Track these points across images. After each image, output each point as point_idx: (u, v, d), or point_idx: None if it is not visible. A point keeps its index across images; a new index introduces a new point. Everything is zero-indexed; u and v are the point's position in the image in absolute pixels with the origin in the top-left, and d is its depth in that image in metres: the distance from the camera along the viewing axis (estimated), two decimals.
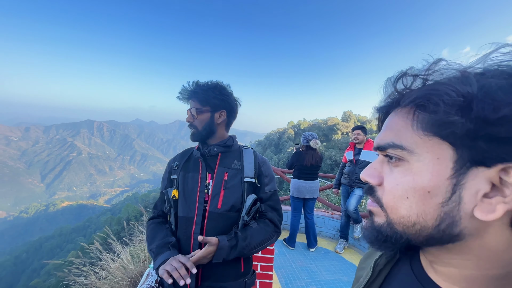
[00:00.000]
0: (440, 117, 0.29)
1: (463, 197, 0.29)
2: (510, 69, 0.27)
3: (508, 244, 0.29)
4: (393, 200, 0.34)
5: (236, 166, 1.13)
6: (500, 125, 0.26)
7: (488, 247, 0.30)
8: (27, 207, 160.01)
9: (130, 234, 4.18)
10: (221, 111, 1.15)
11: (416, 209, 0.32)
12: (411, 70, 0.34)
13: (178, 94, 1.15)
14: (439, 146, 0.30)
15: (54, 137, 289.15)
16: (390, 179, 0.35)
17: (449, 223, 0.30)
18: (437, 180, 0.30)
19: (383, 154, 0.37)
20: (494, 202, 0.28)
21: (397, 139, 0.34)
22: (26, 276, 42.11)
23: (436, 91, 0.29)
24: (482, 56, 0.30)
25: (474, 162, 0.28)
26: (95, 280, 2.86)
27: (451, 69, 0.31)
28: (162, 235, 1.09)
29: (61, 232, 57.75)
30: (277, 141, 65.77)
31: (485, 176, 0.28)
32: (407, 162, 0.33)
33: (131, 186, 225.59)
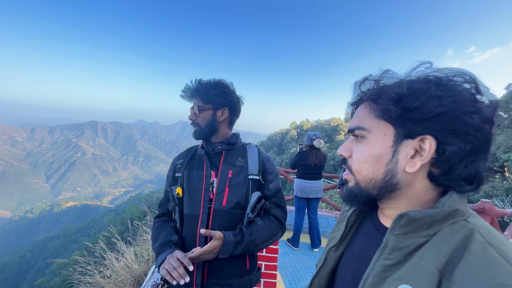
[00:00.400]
0: (384, 107, 0.47)
1: (399, 159, 0.47)
2: (426, 77, 0.45)
3: (425, 189, 0.47)
4: (358, 165, 0.51)
5: (240, 163, 1.14)
6: (416, 111, 0.44)
7: (414, 192, 0.48)
8: (32, 207, 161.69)
9: (134, 233, 4.21)
10: (223, 109, 1.15)
11: (372, 169, 0.49)
12: (370, 76, 0.51)
13: (181, 92, 1.16)
14: (385, 126, 0.48)
15: (59, 138, 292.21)
16: (356, 151, 0.52)
17: (391, 176, 0.48)
18: (384, 149, 0.48)
19: (352, 135, 0.54)
20: (416, 160, 0.45)
21: (361, 123, 0.51)
22: (31, 275, 42.52)
23: (382, 90, 0.47)
24: (413, 68, 0.48)
25: (405, 136, 0.46)
26: (100, 279, 2.88)
27: (395, 77, 0.49)
28: (165, 233, 1.10)
29: (66, 232, 58.24)
30: (279, 141, 65.70)
31: (411, 145, 0.46)
32: (366, 138, 0.50)
33: (135, 187, 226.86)
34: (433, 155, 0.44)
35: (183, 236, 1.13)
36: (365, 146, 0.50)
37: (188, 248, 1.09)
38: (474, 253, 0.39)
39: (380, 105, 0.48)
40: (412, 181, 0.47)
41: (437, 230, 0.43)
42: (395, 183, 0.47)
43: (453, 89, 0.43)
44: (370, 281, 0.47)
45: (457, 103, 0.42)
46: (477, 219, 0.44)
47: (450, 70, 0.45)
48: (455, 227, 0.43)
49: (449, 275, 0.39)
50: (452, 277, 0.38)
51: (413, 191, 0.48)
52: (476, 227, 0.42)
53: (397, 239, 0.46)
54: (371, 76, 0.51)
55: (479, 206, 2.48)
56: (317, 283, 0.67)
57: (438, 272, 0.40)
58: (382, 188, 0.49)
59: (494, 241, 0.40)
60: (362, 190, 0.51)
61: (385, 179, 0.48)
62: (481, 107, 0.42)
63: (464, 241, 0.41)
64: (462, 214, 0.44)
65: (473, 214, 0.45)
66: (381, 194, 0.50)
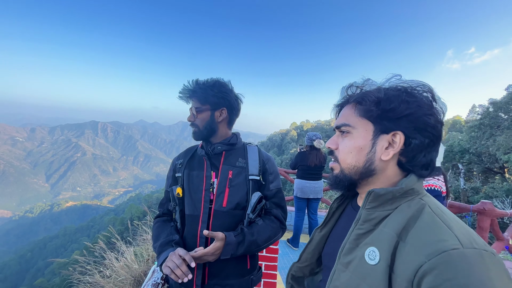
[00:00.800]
0: (367, 108, 0.59)
1: (376, 149, 0.59)
2: (397, 86, 0.59)
3: (394, 174, 0.61)
4: (344, 155, 0.63)
5: (241, 164, 1.13)
6: (391, 112, 0.57)
7: (386, 176, 0.61)
8: (32, 207, 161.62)
9: (134, 233, 4.20)
10: (222, 109, 1.14)
11: (355, 158, 0.61)
12: (354, 83, 0.64)
13: (179, 93, 1.14)
14: (366, 123, 0.61)
15: (59, 138, 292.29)
16: (342, 144, 0.64)
17: (370, 163, 0.60)
18: (366, 141, 0.60)
19: (339, 131, 0.66)
20: (389, 151, 0.58)
21: (347, 120, 0.63)
22: (30, 275, 42.48)
23: (366, 94, 0.60)
24: (388, 79, 0.61)
25: (381, 131, 0.59)
26: (100, 278, 2.87)
27: (374, 84, 0.62)
28: (166, 233, 1.09)
29: (65, 232, 58.24)
30: (280, 142, 65.70)
31: (385, 139, 0.59)
32: (351, 133, 0.62)
33: (135, 187, 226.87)
34: (402, 146, 0.58)
35: (184, 237, 1.12)
36: (350, 139, 0.62)
37: (189, 248, 1.08)
38: (423, 220, 0.51)
39: (364, 106, 0.60)
40: (386, 167, 0.60)
41: (398, 205, 0.56)
42: (373, 169, 0.60)
43: (416, 96, 0.57)
44: (347, 247, 0.59)
45: (419, 107, 0.56)
46: (429, 197, 0.57)
47: (414, 82, 0.59)
48: (412, 203, 0.55)
49: (404, 237, 0.51)
50: (406, 238, 0.50)
51: (385, 175, 0.61)
52: (427, 203, 0.55)
53: (367, 212, 0.58)
54: (355, 83, 0.64)
55: (479, 207, 2.47)
56: (304, 258, 0.80)
57: (396, 236, 0.52)
58: (362, 174, 0.61)
59: (439, 212, 0.52)
60: (346, 176, 0.63)
61: (365, 166, 0.60)
62: (435, 111, 0.57)
63: (417, 212, 0.53)
64: (417, 193, 0.57)
65: (426, 194, 0.58)
66: (361, 178, 0.62)
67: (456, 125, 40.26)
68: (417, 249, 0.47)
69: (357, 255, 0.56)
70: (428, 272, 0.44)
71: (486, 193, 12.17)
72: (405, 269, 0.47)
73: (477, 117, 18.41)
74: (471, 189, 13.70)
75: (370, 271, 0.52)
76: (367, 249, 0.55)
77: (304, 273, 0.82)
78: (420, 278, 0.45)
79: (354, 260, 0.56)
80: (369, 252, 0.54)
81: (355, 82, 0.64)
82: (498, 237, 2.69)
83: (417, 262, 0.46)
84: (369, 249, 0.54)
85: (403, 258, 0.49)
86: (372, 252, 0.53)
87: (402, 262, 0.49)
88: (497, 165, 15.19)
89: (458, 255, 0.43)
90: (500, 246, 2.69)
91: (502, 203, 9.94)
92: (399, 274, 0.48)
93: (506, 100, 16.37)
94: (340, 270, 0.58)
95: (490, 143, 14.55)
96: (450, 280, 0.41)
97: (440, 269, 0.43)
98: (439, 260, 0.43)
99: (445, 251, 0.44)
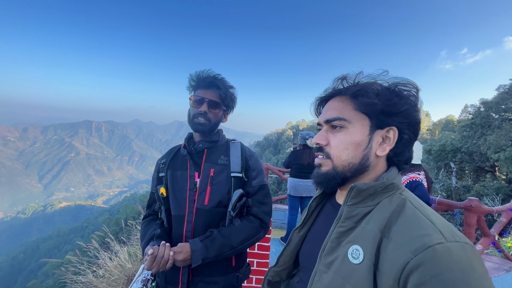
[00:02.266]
0: (369, 101, 0.57)
1: (372, 145, 0.58)
2: (393, 82, 0.59)
3: (384, 168, 0.61)
4: (338, 151, 0.59)
5: (223, 161, 1.12)
6: (391, 107, 0.56)
7: (375, 172, 0.60)
8: (24, 207, 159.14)
9: (128, 233, 4.19)
10: (227, 112, 1.18)
11: (351, 154, 0.58)
12: (348, 75, 0.61)
13: (195, 77, 1.11)
14: (362, 118, 0.59)
15: (52, 138, 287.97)
16: (336, 139, 0.60)
17: (366, 159, 0.58)
18: (363, 137, 0.58)
19: (329, 125, 0.62)
20: (385, 146, 0.58)
21: (341, 114, 0.60)
22: (23, 277, 41.87)
23: (366, 88, 0.57)
24: (378, 74, 0.60)
25: (377, 127, 0.58)
26: (93, 278, 2.87)
27: (368, 76, 0.60)
28: (151, 230, 1.10)
29: (59, 232, 57.48)
30: (276, 141, 65.87)
31: (380, 134, 0.58)
32: (346, 128, 0.59)
33: (130, 187, 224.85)
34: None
35: (172, 237, 1.11)
36: (346, 134, 0.59)
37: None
38: (406, 215, 0.51)
39: (365, 100, 0.57)
40: (378, 162, 0.60)
41: (379, 200, 0.56)
42: (368, 165, 0.59)
43: (410, 93, 0.58)
44: (328, 246, 0.57)
45: (412, 103, 0.58)
46: (408, 192, 0.58)
47: (402, 79, 0.59)
48: (393, 198, 0.55)
49: (388, 234, 0.50)
50: (390, 234, 0.50)
51: (375, 170, 0.60)
52: (408, 198, 0.55)
53: (349, 209, 0.57)
54: (349, 75, 0.61)
55: (466, 204, 2.54)
56: (282, 261, 0.76)
57: (379, 232, 0.51)
58: (356, 170, 0.59)
59: (420, 207, 0.53)
60: (338, 173, 0.60)
61: (361, 162, 0.58)
62: (419, 108, 0.59)
63: (399, 207, 0.53)
64: (398, 188, 0.57)
65: (405, 190, 0.59)
66: (354, 175, 0.60)
67: (449, 124, 40.87)
68: (402, 245, 0.47)
69: (340, 254, 0.54)
70: (414, 269, 0.43)
71: (477, 191, 12.43)
72: (391, 267, 0.46)
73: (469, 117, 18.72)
74: (463, 187, 13.96)
75: (354, 271, 0.50)
76: (350, 248, 0.53)
77: (281, 277, 0.79)
78: (406, 275, 0.44)
79: (336, 260, 0.54)
80: (352, 251, 0.52)
81: (348, 74, 0.61)
82: (485, 233, 2.76)
83: (403, 259, 0.45)
84: (352, 247, 0.52)
85: (388, 255, 0.48)
86: (355, 250, 0.52)
87: (387, 259, 0.48)
88: (488, 163, 15.50)
89: (443, 249, 0.43)
90: (487, 242, 2.77)
91: (492, 201, 10.15)
92: (384, 272, 0.47)
93: (496, 100, 16.70)
94: (322, 271, 0.56)
95: (481, 142, 14.84)
96: (436, 276, 0.42)
97: (427, 265, 0.43)
98: (425, 256, 0.43)
99: (430, 246, 0.44)
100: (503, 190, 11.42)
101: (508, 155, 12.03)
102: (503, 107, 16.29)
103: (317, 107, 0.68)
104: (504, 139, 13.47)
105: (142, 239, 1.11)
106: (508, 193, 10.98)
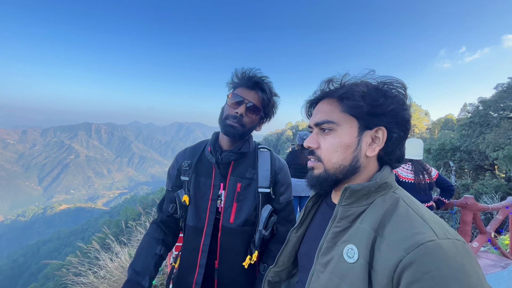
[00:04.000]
0: (356, 104, 0.57)
1: (361, 146, 0.58)
2: (380, 82, 0.59)
3: (375, 169, 0.61)
4: (329, 154, 0.60)
5: (250, 175, 1.02)
6: (378, 107, 0.56)
7: (367, 172, 0.60)
8: (24, 210, 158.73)
9: (129, 235, 4.21)
10: (263, 121, 1.08)
11: (341, 156, 0.59)
12: (334, 78, 0.61)
13: (239, 75, 1.00)
14: (350, 119, 0.59)
15: (52, 140, 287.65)
16: (326, 142, 0.60)
17: (356, 160, 0.59)
18: (351, 139, 0.58)
19: (319, 128, 0.62)
20: (374, 146, 0.59)
21: (329, 117, 0.60)
22: (23, 280, 41.78)
23: (352, 90, 0.57)
24: (365, 74, 0.60)
25: (365, 127, 0.58)
26: (94, 279, 2.89)
27: (354, 78, 0.60)
28: (142, 265, 0.98)
29: (59, 235, 57.41)
30: (275, 142, 65.88)
31: (369, 134, 0.59)
32: (335, 130, 0.59)
33: (130, 189, 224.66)
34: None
35: (181, 251, 1.06)
36: (335, 137, 0.59)
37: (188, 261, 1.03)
38: (399, 214, 0.52)
39: (352, 102, 0.57)
40: (368, 163, 0.60)
41: (373, 200, 0.56)
42: (358, 166, 0.59)
43: (397, 92, 0.58)
44: (324, 246, 0.58)
45: (400, 103, 0.58)
46: (401, 191, 0.59)
47: (389, 77, 0.59)
48: (386, 197, 0.56)
49: (381, 232, 0.51)
50: (384, 233, 0.50)
51: (367, 171, 0.61)
52: (401, 196, 0.56)
53: (344, 209, 0.57)
54: (335, 77, 0.62)
55: (461, 202, 2.58)
56: (281, 261, 0.76)
57: (373, 231, 0.52)
58: (348, 172, 0.59)
59: (413, 205, 0.53)
60: (330, 175, 0.60)
61: (351, 164, 0.59)
62: (408, 106, 0.59)
63: (392, 206, 0.54)
64: (391, 187, 0.58)
65: (399, 188, 0.59)
66: (346, 177, 0.60)
67: (448, 123, 40.95)
68: (395, 244, 0.47)
69: (335, 254, 0.55)
70: (407, 267, 0.44)
71: (476, 189, 12.44)
72: (385, 265, 0.47)
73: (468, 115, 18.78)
74: (462, 186, 13.98)
75: (349, 270, 0.51)
76: (345, 247, 0.53)
77: (281, 277, 0.79)
78: (400, 273, 0.45)
79: (332, 260, 0.55)
80: (347, 250, 0.53)
81: (334, 77, 0.62)
82: (481, 230, 2.80)
83: (396, 257, 0.46)
84: (347, 246, 0.53)
85: (382, 254, 0.48)
86: (350, 249, 0.52)
87: (381, 258, 0.48)
88: (487, 162, 15.55)
89: (435, 247, 0.44)
90: (483, 239, 2.80)
91: (491, 199, 10.17)
92: (378, 271, 0.48)
93: (495, 99, 16.76)
94: (319, 271, 0.57)
95: (480, 141, 14.89)
96: (428, 273, 0.42)
97: (419, 262, 0.43)
98: (418, 253, 0.44)
99: (422, 244, 0.44)
100: (502, 188, 11.44)
101: (507, 153, 12.08)
102: (502, 106, 16.35)
103: (308, 109, 0.68)
104: (503, 137, 13.53)
105: (134, 260, 1.00)
106: (507, 191, 11.01)
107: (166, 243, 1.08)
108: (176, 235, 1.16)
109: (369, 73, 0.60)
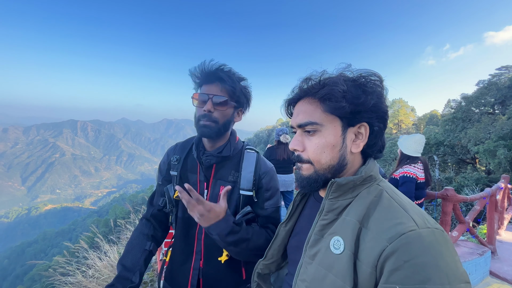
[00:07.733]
0: (337, 104, 0.57)
1: (346, 143, 0.60)
2: (358, 77, 0.59)
3: (359, 162, 0.63)
4: (316, 155, 0.60)
5: (233, 178, 1.00)
6: (360, 105, 0.57)
7: (353, 166, 0.62)
8: (7, 211, 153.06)
9: (118, 233, 4.16)
10: (240, 110, 1.03)
11: (329, 156, 0.60)
12: (312, 75, 0.61)
13: (197, 70, 0.95)
14: (333, 119, 0.59)
15: (35, 138, 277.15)
16: (311, 144, 0.61)
17: (343, 158, 0.60)
18: (336, 138, 0.59)
19: (302, 130, 0.62)
20: (358, 142, 0.60)
21: (312, 118, 0.60)
22: (8, 283, 40.49)
23: (332, 90, 0.57)
24: (343, 68, 0.61)
25: (348, 125, 0.59)
26: (82, 278, 2.85)
27: (330, 75, 0.60)
28: (132, 260, 0.99)
29: (45, 236, 55.77)
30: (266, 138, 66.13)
31: (352, 131, 0.60)
32: (319, 131, 0.60)
33: (118, 187, 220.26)
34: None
35: (174, 239, 1.07)
36: (320, 137, 0.60)
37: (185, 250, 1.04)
38: (382, 205, 0.54)
39: (334, 103, 0.57)
40: (354, 158, 0.62)
41: (358, 192, 0.58)
42: (345, 164, 0.60)
43: (376, 86, 0.59)
44: (312, 239, 0.60)
45: (379, 96, 0.59)
46: (385, 183, 0.61)
47: (366, 71, 0.60)
48: (371, 189, 0.58)
49: (366, 224, 0.53)
50: (368, 224, 0.52)
51: (353, 166, 0.62)
52: (384, 188, 0.58)
53: (330, 203, 0.59)
54: (313, 75, 0.62)
55: (442, 193, 2.70)
56: (271, 254, 0.78)
57: (358, 223, 0.53)
58: (336, 170, 0.61)
59: (395, 196, 0.56)
60: (320, 176, 0.61)
61: (339, 163, 0.60)
62: (385, 97, 0.60)
63: (376, 198, 0.56)
64: (375, 179, 0.60)
65: (382, 180, 0.62)
66: (335, 175, 0.61)
67: (433, 119, 42.26)
68: (379, 234, 0.49)
69: (323, 245, 0.57)
70: (390, 256, 0.46)
71: (458, 182, 12.96)
72: (369, 255, 0.49)
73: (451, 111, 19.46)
74: (446, 179, 14.54)
75: (335, 261, 0.53)
76: (332, 239, 0.55)
77: (270, 269, 0.81)
78: (383, 262, 0.47)
79: (320, 251, 0.57)
80: (333, 242, 0.55)
81: (312, 75, 0.62)
82: (460, 220, 2.95)
83: (380, 247, 0.48)
84: (334, 238, 0.55)
85: (366, 244, 0.50)
86: (336, 241, 0.54)
87: (365, 248, 0.50)
88: (469, 156, 16.21)
89: (415, 236, 0.46)
90: (462, 229, 2.95)
91: (472, 191, 10.62)
92: (363, 261, 0.50)
93: (476, 95, 17.41)
94: (307, 263, 0.59)
95: (462, 136, 15.48)
96: (409, 261, 0.44)
97: (400, 251, 0.46)
98: (399, 243, 0.46)
99: (404, 233, 0.47)
100: (482, 181, 11.97)
101: (487, 147, 12.63)
102: (483, 102, 17.03)
103: (287, 109, 0.68)
104: (483, 132, 14.11)
105: (124, 255, 1.00)
106: (486, 183, 11.52)
107: (156, 239, 1.10)
108: (166, 230, 1.17)
109: (346, 68, 0.61)
